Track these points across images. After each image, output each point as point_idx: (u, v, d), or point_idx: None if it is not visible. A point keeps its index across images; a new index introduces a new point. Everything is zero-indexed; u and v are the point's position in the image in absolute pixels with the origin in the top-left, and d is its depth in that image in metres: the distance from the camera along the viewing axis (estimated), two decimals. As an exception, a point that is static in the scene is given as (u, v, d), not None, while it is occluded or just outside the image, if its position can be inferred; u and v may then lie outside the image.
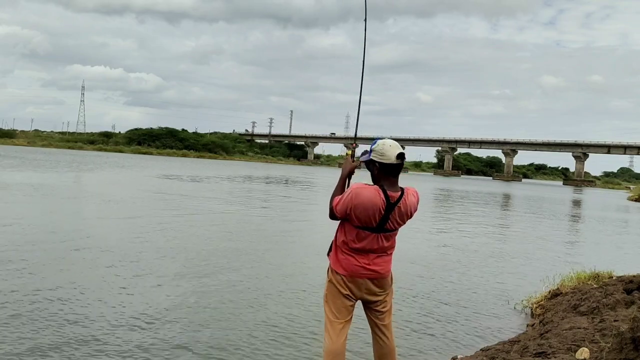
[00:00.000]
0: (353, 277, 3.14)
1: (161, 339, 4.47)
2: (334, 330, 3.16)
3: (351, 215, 3.06)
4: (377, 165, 3.08)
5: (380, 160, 3.06)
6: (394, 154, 3.04)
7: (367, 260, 3.13)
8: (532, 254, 11.06)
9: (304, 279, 7.10)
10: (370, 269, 3.13)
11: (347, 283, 3.16)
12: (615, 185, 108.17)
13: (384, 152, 3.06)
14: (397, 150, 3.06)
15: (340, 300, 3.18)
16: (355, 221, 3.07)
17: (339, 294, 3.18)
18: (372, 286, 3.18)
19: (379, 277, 3.18)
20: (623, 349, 2.78)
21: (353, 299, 3.21)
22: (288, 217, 14.45)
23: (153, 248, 8.30)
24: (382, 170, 3.07)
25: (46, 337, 4.30)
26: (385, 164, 3.05)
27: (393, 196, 3.05)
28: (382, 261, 3.17)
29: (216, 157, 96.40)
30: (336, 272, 3.18)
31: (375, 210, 3.02)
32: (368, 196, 3.01)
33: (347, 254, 3.14)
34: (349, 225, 3.13)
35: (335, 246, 3.23)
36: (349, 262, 3.13)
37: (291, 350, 4.49)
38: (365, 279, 3.16)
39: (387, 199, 3.03)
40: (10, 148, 64.94)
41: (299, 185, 32.12)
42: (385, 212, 3.04)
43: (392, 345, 3.31)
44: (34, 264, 6.62)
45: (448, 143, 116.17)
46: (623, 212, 30.69)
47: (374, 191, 3.03)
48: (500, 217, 21.30)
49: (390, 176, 3.08)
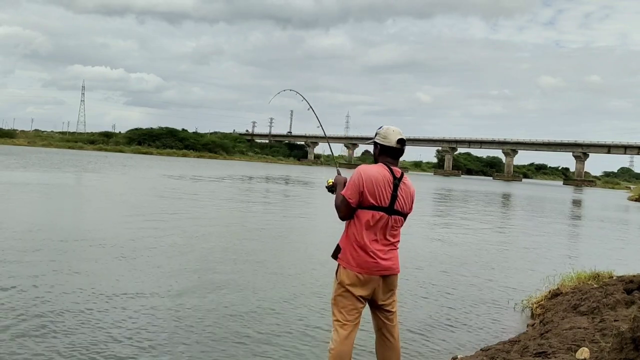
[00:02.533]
0: (368, 274, 3.12)
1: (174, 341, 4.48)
2: (343, 332, 3.14)
3: (364, 194, 3.11)
4: (379, 147, 3.28)
5: (382, 142, 3.26)
6: (394, 138, 3.24)
7: (381, 254, 3.13)
8: (532, 254, 11.06)
9: (314, 278, 7.11)
10: (383, 264, 3.14)
11: (360, 282, 3.13)
12: (615, 185, 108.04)
13: (386, 135, 3.26)
14: (399, 136, 3.26)
15: (350, 302, 3.16)
16: (369, 198, 3.11)
17: (350, 295, 3.15)
18: (383, 284, 3.18)
19: (391, 274, 3.21)
20: (623, 349, 2.78)
21: (363, 301, 3.19)
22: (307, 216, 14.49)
23: (182, 248, 8.34)
24: (383, 151, 3.27)
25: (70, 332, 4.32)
26: (386, 146, 3.25)
27: (396, 171, 3.22)
28: (392, 256, 3.20)
29: (216, 157, 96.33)
30: (349, 270, 3.14)
31: (385, 182, 3.15)
32: (376, 169, 3.19)
33: (361, 249, 3.12)
34: (361, 213, 3.14)
35: (346, 245, 3.19)
36: (362, 258, 3.12)
37: (291, 349, 4.49)
38: (379, 276, 3.15)
39: (392, 172, 3.19)
40: (11, 148, 64.92)
41: (309, 186, 32.12)
42: (394, 189, 3.16)
43: (398, 347, 3.31)
44: (66, 260, 6.69)
45: (448, 143, 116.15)
46: (623, 212, 30.68)
47: (379, 166, 3.23)
48: (501, 217, 21.29)
49: (389, 157, 3.26)
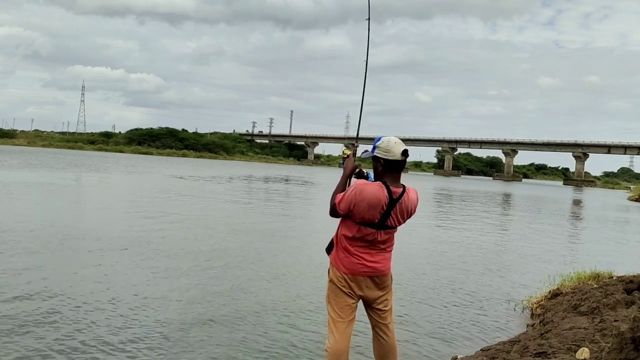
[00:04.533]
0: (354, 275, 3.15)
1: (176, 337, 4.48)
2: (338, 330, 3.16)
3: (354, 212, 3.08)
4: (382, 162, 3.13)
5: (385, 156, 3.11)
6: (399, 151, 3.11)
7: (368, 257, 3.14)
8: (532, 253, 11.06)
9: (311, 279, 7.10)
10: (370, 266, 3.15)
11: (348, 281, 3.17)
12: (615, 185, 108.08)
13: (389, 148, 3.11)
14: (402, 147, 3.13)
15: (342, 299, 3.19)
16: (357, 217, 3.09)
17: (341, 292, 3.18)
18: (372, 284, 3.20)
19: (380, 275, 3.20)
20: (623, 349, 2.78)
21: (355, 297, 3.21)
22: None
23: (194, 246, 8.33)
24: (387, 166, 3.12)
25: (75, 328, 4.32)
26: (390, 160, 3.11)
27: (395, 192, 3.11)
28: (382, 258, 3.20)
29: (216, 157, 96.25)
30: (337, 270, 3.19)
31: (378, 206, 3.06)
32: (372, 192, 3.05)
33: (347, 252, 3.16)
34: (350, 222, 3.15)
35: (336, 244, 3.24)
36: (349, 260, 3.15)
37: (293, 349, 4.49)
38: (366, 277, 3.17)
39: (390, 194, 3.08)
40: (11, 148, 64.92)
41: (313, 186, 32.11)
42: (387, 208, 3.09)
43: (393, 344, 3.32)
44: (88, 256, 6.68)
45: (448, 143, 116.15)
46: (623, 211, 30.67)
47: (378, 187, 3.08)
48: (501, 216, 21.29)
49: (394, 172, 3.14)
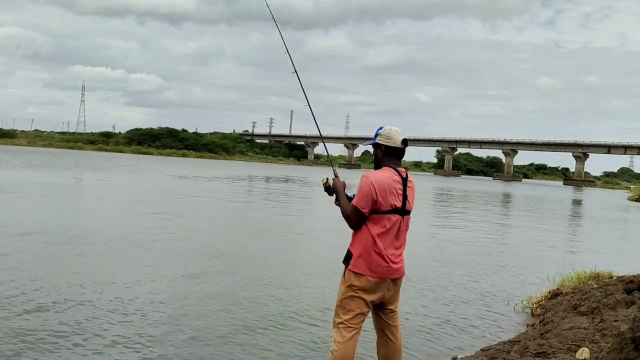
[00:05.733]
0: (379, 278, 3.10)
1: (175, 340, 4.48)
2: (346, 335, 3.11)
3: (379, 202, 3.07)
4: (382, 148, 3.21)
5: (386, 143, 3.20)
6: (399, 139, 3.20)
7: (393, 257, 3.12)
8: (532, 253, 11.05)
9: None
10: (393, 268, 3.14)
11: (371, 286, 3.09)
12: (615, 185, 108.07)
13: (390, 135, 3.20)
14: (402, 136, 3.23)
15: (358, 306, 3.12)
16: (383, 204, 3.07)
17: (359, 299, 3.12)
18: (393, 285, 3.19)
19: (400, 276, 3.22)
20: (623, 349, 2.78)
21: (369, 306, 3.16)
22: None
23: (204, 246, 8.33)
24: (387, 152, 3.21)
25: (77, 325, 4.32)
26: (391, 147, 3.20)
27: (402, 171, 3.20)
28: (401, 259, 3.22)
29: (216, 157, 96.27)
30: (361, 274, 3.09)
31: (396, 185, 3.12)
32: (385, 175, 3.14)
33: (375, 255, 3.08)
34: (377, 217, 3.09)
35: (358, 251, 3.13)
36: (376, 263, 3.08)
37: (295, 351, 4.49)
38: (389, 280, 3.15)
39: (399, 174, 3.17)
40: (11, 148, 64.90)
41: (314, 186, 32.11)
42: (403, 188, 3.15)
43: (399, 346, 3.30)
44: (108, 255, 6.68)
45: (448, 143, 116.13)
46: (623, 211, 30.67)
47: (387, 171, 3.17)
48: (501, 216, 21.28)
49: (393, 159, 3.22)
